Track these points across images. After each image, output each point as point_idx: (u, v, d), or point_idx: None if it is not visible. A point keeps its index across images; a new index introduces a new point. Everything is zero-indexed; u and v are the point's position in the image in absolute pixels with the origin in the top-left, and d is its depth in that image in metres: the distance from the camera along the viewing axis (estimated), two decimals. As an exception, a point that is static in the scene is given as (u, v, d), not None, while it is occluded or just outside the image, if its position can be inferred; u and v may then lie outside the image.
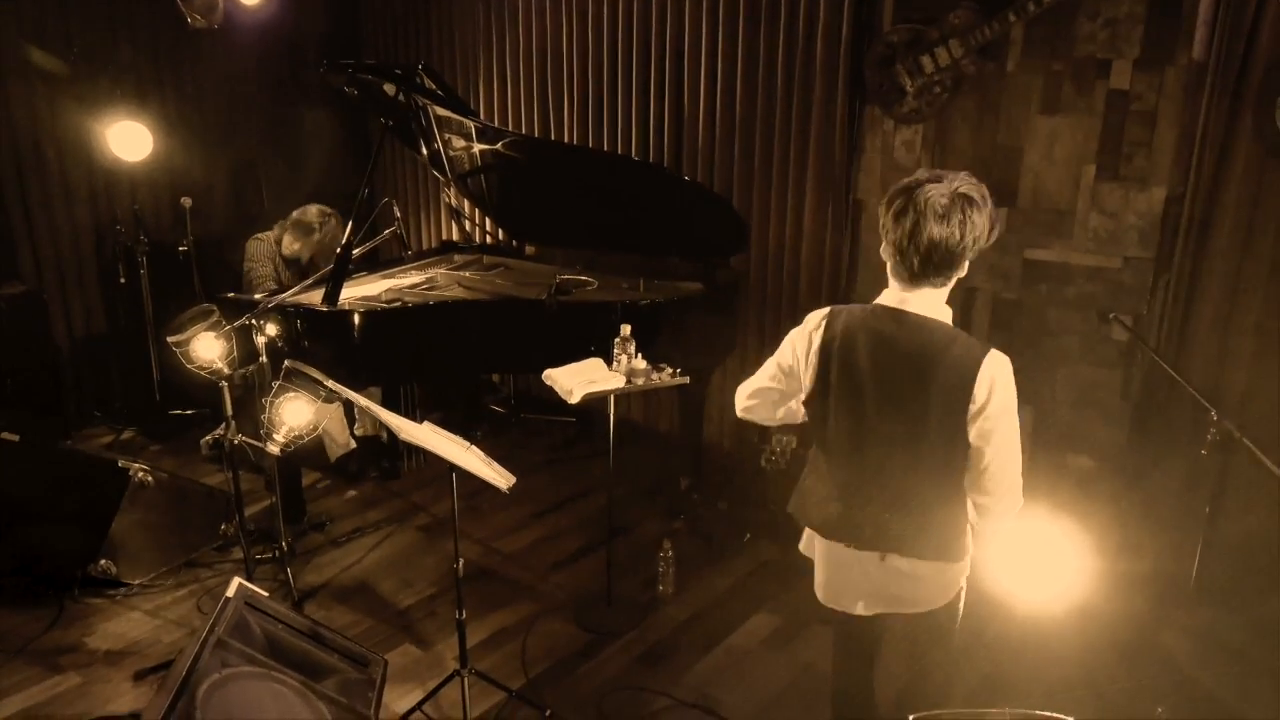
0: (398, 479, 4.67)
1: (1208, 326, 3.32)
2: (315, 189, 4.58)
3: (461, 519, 4.27)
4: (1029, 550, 3.10)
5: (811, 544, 2.37)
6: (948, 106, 3.62)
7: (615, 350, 3.29)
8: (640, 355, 3.28)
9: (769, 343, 4.49)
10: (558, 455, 5.02)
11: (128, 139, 4.68)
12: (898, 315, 2.01)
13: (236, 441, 3.07)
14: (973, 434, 1.99)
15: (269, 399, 3.08)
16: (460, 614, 2.80)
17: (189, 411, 5.12)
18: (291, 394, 3.09)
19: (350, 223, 3.86)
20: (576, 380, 3.14)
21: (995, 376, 1.95)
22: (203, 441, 3.35)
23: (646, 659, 3.35)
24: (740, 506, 4.33)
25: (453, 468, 2.55)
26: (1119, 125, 3.34)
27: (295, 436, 3.12)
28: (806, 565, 3.67)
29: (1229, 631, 3.28)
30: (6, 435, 3.93)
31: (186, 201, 4.90)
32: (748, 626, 3.54)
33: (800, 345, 2.15)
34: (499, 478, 2.48)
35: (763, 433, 4.55)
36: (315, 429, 3.13)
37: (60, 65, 4.65)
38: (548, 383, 3.23)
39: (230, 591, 2.83)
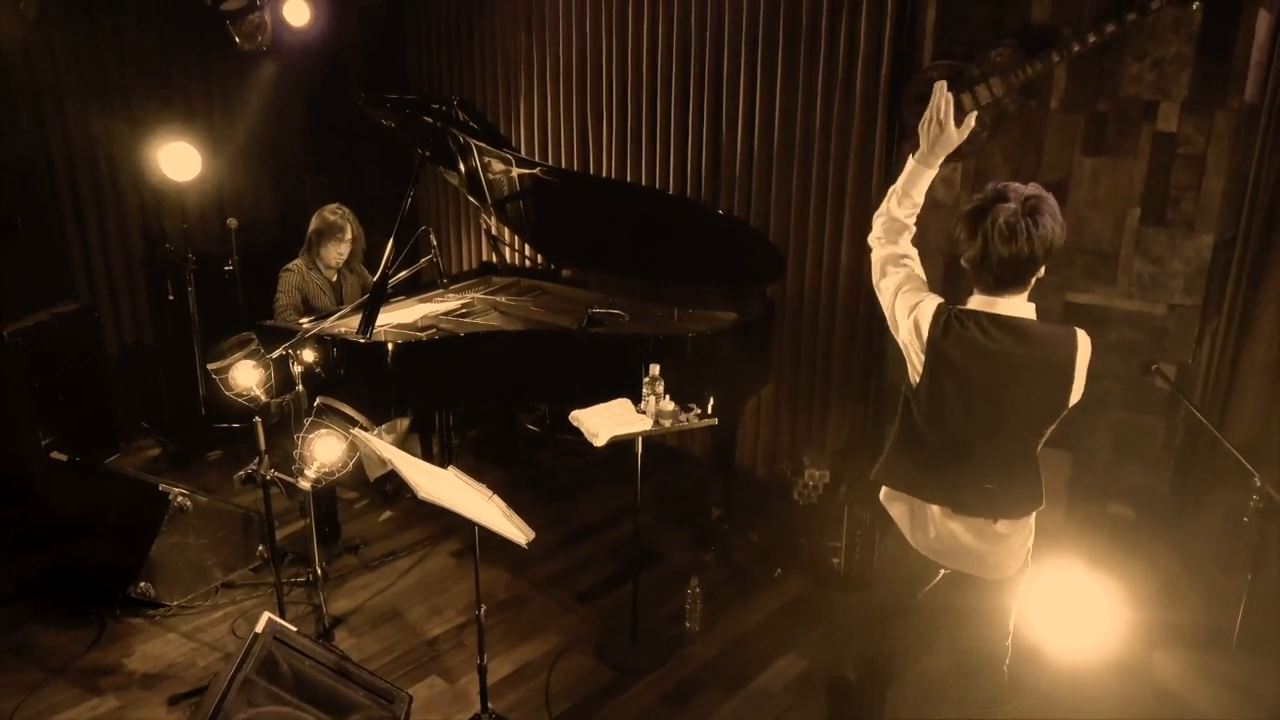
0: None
1: (1256, 378, 3.22)
2: (360, 208, 4.63)
3: (492, 544, 4.34)
4: (1066, 600, 3.04)
5: (894, 500, 2.52)
6: (988, 144, 3.55)
7: (644, 390, 3.29)
8: (668, 396, 3.26)
9: (804, 374, 4.47)
10: (592, 477, 5.03)
11: (178, 159, 4.79)
12: (995, 320, 2.22)
13: (269, 477, 3.13)
14: (1071, 402, 2.28)
15: (301, 435, 3.13)
16: (482, 660, 2.82)
17: (235, 425, 5.23)
18: (323, 431, 3.14)
19: (387, 251, 3.92)
20: (603, 423, 3.14)
21: (1087, 358, 2.26)
22: (235, 477, 3.43)
23: (671, 699, 3.34)
24: (772, 539, 4.30)
25: (474, 524, 2.55)
26: (1165, 168, 3.24)
27: (327, 473, 3.16)
28: (834, 606, 3.62)
29: (1270, 684, 3.18)
30: (56, 455, 4.07)
31: (233, 223, 5.00)
32: (776, 667, 3.51)
33: (913, 329, 2.29)
34: (518, 533, 2.49)
35: (795, 465, 4.52)
36: (346, 466, 3.17)
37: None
38: (574, 424, 3.23)
39: (259, 627, 2.88)
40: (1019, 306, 2.23)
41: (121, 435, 5.31)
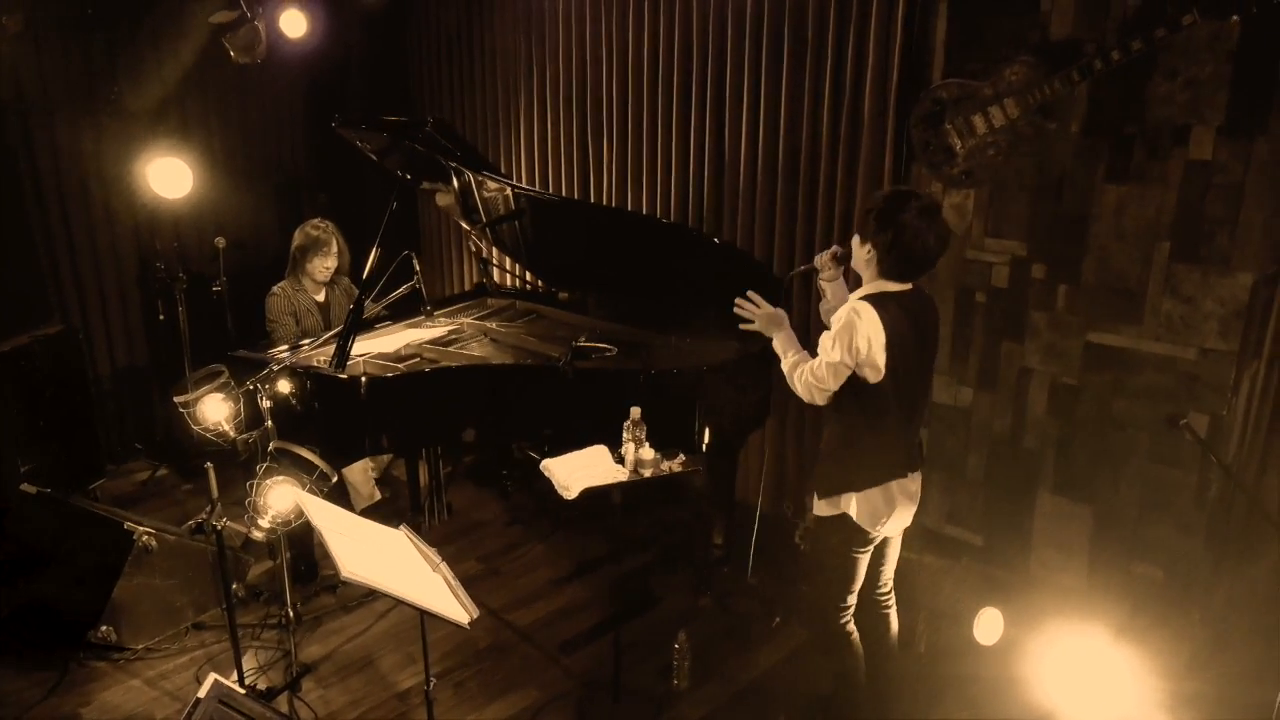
0: (418, 533, 4.50)
1: (1300, 432, 2.89)
2: (364, 227, 4.44)
3: (480, 583, 4.18)
4: (1086, 668, 2.77)
5: (850, 500, 2.71)
6: (1002, 170, 3.26)
7: (624, 435, 3.05)
8: (648, 443, 3.02)
9: (810, 407, 4.19)
10: (591, 507, 4.77)
11: (170, 176, 4.61)
12: (901, 294, 2.56)
13: (221, 526, 2.94)
14: None
15: (255, 482, 2.94)
16: (431, 736, 2.61)
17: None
18: (279, 478, 2.95)
19: (365, 272, 3.74)
20: (574, 474, 2.91)
21: None
22: (185, 526, 3.27)
23: (650, 768, 3.11)
24: (772, 584, 4.04)
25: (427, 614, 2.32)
26: (1198, 199, 2.93)
27: (282, 522, 2.97)
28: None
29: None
30: (25, 487, 3.93)
31: (220, 241, 4.85)
32: (769, 730, 3.27)
33: (872, 338, 2.49)
34: (460, 611, 2.27)
35: (797, 506, 4.27)
36: (303, 514, 2.98)
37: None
38: (545, 474, 3.00)
39: (203, 690, 2.71)
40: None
41: (112, 458, 5.21)
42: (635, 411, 3.05)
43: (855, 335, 2.49)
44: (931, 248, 2.48)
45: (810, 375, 2.63)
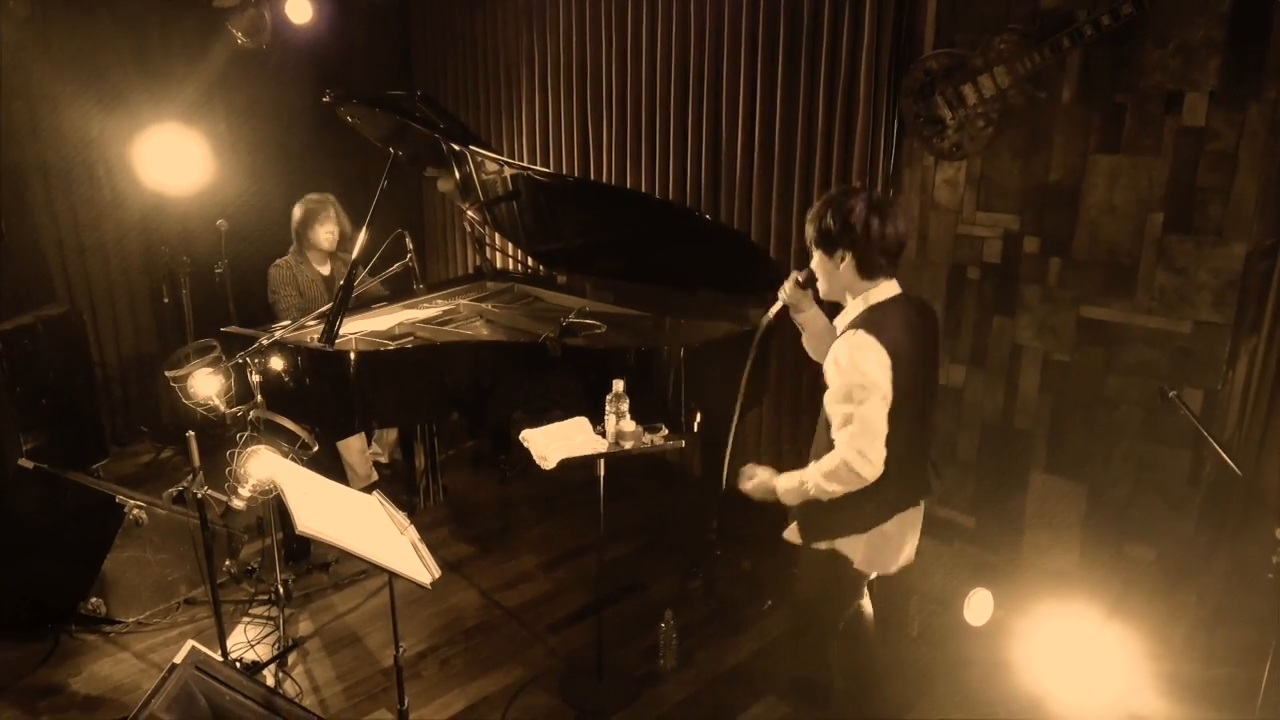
0: (412, 514, 4.51)
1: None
2: (368, 209, 4.47)
3: (472, 563, 4.18)
4: (1076, 649, 2.72)
5: (849, 542, 2.49)
6: (994, 141, 3.20)
7: (607, 409, 3.03)
8: (628, 415, 3.00)
9: (806, 389, 4.16)
10: (586, 495, 4.78)
11: (177, 162, 4.61)
12: (894, 302, 2.33)
13: (201, 495, 2.95)
14: None
15: (236, 450, 2.95)
16: (402, 704, 2.60)
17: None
18: (259, 447, 2.95)
19: (355, 251, 3.74)
20: (553, 444, 2.89)
21: None
22: (165, 494, 3.29)
23: (631, 746, 3.08)
24: (765, 568, 4.00)
25: (386, 572, 2.31)
26: (1191, 168, 2.86)
27: (262, 490, 2.97)
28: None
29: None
30: (23, 462, 3.97)
31: (222, 224, 4.87)
32: (751, 713, 3.22)
33: (882, 369, 2.23)
34: (422, 572, 2.25)
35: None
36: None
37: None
38: (525, 445, 2.98)
39: (179, 657, 2.71)
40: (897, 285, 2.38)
41: (117, 440, 5.25)
42: (618, 384, 3.02)
43: (865, 366, 2.21)
44: (899, 228, 2.28)
45: (846, 451, 2.24)
